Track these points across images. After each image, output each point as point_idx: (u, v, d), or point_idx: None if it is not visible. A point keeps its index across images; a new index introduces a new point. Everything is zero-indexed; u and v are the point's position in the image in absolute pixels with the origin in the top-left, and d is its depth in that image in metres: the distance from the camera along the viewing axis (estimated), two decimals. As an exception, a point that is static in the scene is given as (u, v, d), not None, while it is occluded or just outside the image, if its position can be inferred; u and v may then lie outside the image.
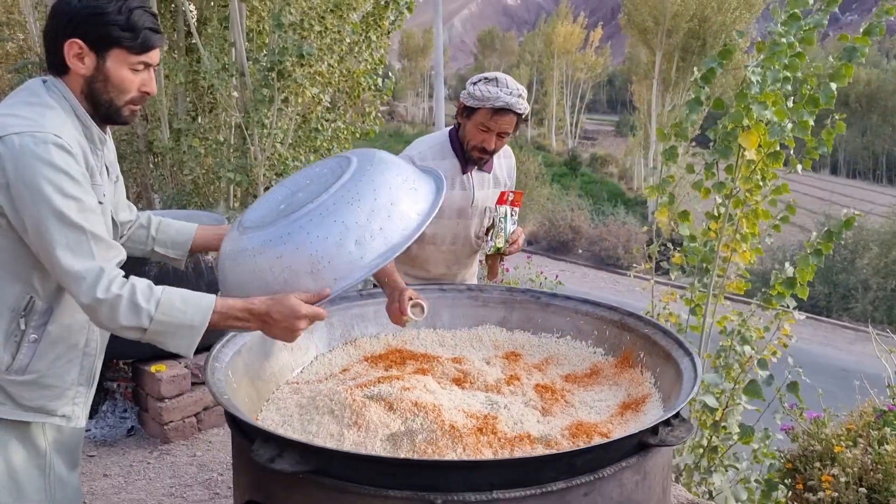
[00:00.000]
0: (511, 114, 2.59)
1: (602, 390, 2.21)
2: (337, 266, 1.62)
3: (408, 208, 1.71)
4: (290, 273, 1.64)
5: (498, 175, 2.91)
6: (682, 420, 1.70)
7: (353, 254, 1.62)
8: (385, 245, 1.64)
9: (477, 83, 2.65)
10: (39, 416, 1.75)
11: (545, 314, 2.55)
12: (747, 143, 3.07)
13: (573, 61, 48.15)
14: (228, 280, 1.79)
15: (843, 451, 2.24)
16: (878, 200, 33.66)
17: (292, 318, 1.66)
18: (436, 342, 2.57)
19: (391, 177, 1.74)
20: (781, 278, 3.26)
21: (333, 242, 1.62)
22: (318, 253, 1.62)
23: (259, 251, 1.68)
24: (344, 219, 1.63)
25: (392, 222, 1.66)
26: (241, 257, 1.72)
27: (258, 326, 1.70)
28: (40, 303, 1.68)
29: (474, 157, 2.74)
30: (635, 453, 1.64)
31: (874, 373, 12.44)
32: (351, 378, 2.24)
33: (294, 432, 1.94)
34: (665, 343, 2.14)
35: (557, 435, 1.93)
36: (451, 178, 2.75)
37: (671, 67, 31.94)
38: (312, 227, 1.63)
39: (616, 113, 64.62)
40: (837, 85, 3.09)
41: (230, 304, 1.67)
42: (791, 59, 2.99)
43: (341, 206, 1.65)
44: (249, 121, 5.47)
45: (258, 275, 1.68)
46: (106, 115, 1.75)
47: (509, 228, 2.70)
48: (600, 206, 28.58)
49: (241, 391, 2.04)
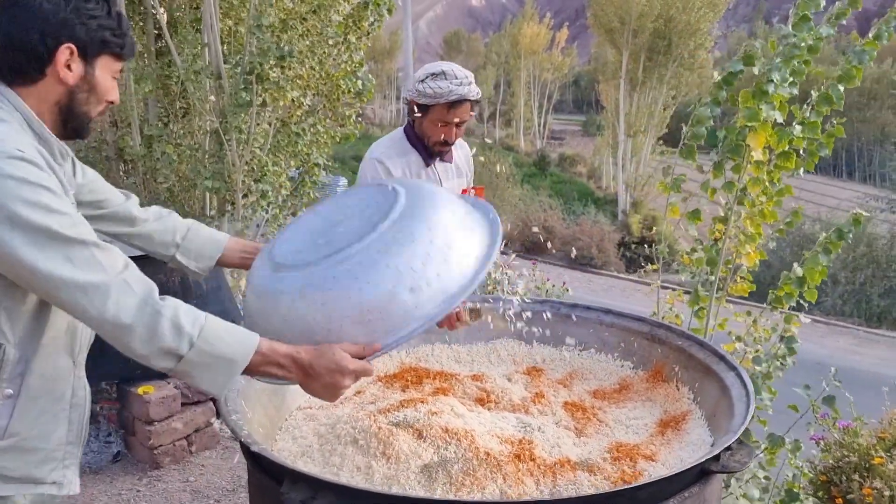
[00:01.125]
0: (466, 102, 2.59)
1: (636, 407, 2.10)
2: (390, 317, 1.40)
3: (465, 252, 1.49)
4: (337, 322, 1.42)
5: (459, 164, 2.88)
6: (740, 443, 1.58)
7: (408, 303, 1.40)
8: (443, 294, 1.43)
9: (425, 80, 2.58)
10: (25, 487, 1.48)
11: (566, 325, 2.43)
12: (755, 143, 3.00)
13: (540, 62, 48.26)
14: (258, 322, 1.54)
15: (885, 462, 2.16)
16: (841, 195, 34.34)
17: (337, 373, 1.43)
18: (452, 358, 2.44)
19: (447, 215, 1.53)
20: (792, 278, 3.19)
21: (386, 290, 1.40)
22: (369, 301, 1.40)
23: (300, 295, 1.45)
24: (397, 263, 1.41)
25: (450, 268, 1.45)
26: (277, 300, 1.49)
27: (299, 378, 1.46)
28: (12, 350, 1.41)
29: (436, 151, 2.72)
30: (696, 481, 1.53)
31: (848, 366, 12.57)
32: (369, 402, 2.10)
33: (315, 465, 1.79)
34: (703, 356, 2.03)
35: (598, 459, 1.81)
36: (417, 172, 2.74)
37: (638, 67, 32.18)
38: (362, 271, 1.41)
39: (582, 113, 65.02)
40: (846, 86, 3.04)
41: (275, 346, 1.44)
42: (798, 65, 2.94)
43: (393, 247, 1.43)
44: (227, 126, 5.27)
45: (298, 321, 1.45)
46: (76, 128, 1.53)
47: None
48: (571, 205, 28.67)
49: (255, 420, 1.88)
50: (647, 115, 32.98)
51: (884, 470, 2.20)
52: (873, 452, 2.26)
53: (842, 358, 15.38)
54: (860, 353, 15.93)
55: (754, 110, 2.75)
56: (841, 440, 2.40)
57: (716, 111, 2.91)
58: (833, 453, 2.37)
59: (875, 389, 4.16)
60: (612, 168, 36.04)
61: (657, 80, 32.38)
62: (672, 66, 32.05)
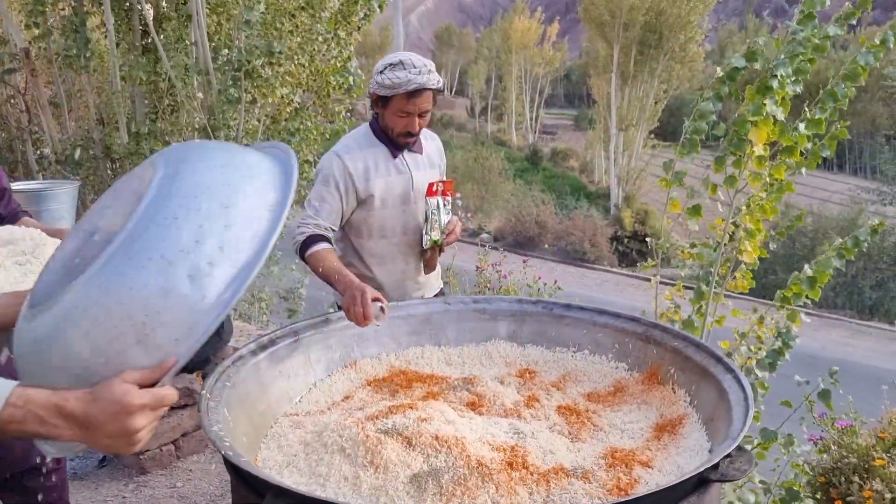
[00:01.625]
0: (426, 91, 2.55)
1: (631, 410, 2.04)
2: (172, 320, 1.08)
3: (252, 205, 1.18)
4: (111, 351, 1.09)
5: (430, 156, 2.81)
6: (740, 450, 1.53)
7: (190, 295, 1.09)
8: (234, 266, 1.11)
9: (384, 71, 2.55)
10: None
11: (559, 327, 2.38)
12: (757, 138, 2.95)
13: (531, 56, 48.18)
14: (39, 381, 1.16)
15: (886, 464, 2.12)
16: (831, 188, 34.39)
17: (122, 414, 1.07)
18: (442, 361, 2.38)
19: (216, 170, 1.21)
20: (802, 278, 3.15)
21: (155, 290, 1.08)
22: (138, 311, 1.08)
23: (57, 336, 1.12)
24: (162, 251, 1.10)
25: (235, 232, 1.14)
26: (39, 349, 1.15)
27: (75, 434, 1.09)
28: None
29: (402, 143, 2.68)
30: (694, 490, 1.48)
31: (840, 358, 12.63)
32: (357, 407, 2.04)
33: (301, 475, 1.73)
34: (699, 358, 1.98)
35: (593, 465, 1.76)
36: (385, 163, 2.69)
37: (629, 61, 32.15)
38: (117, 278, 1.09)
39: (574, 107, 64.91)
40: (850, 84, 3.02)
41: (32, 395, 1.08)
42: (802, 64, 2.90)
43: (152, 233, 1.12)
44: (216, 123, 5.19)
45: (72, 364, 1.11)
46: None
47: (444, 219, 2.65)
48: (563, 200, 28.64)
49: (239, 429, 1.82)
50: (638, 109, 32.98)
51: (884, 472, 2.15)
52: (873, 453, 2.22)
53: (834, 350, 15.43)
54: (852, 346, 15.98)
55: (758, 104, 2.71)
56: (840, 440, 2.35)
57: (718, 106, 2.87)
58: (832, 454, 2.33)
59: (867, 382, 4.14)
60: (603, 162, 36.02)
61: (648, 74, 32.38)
62: (663, 59, 32.05)
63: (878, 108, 39.91)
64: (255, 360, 2.06)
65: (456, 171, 25.58)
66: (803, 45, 2.88)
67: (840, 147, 36.18)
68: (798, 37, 2.89)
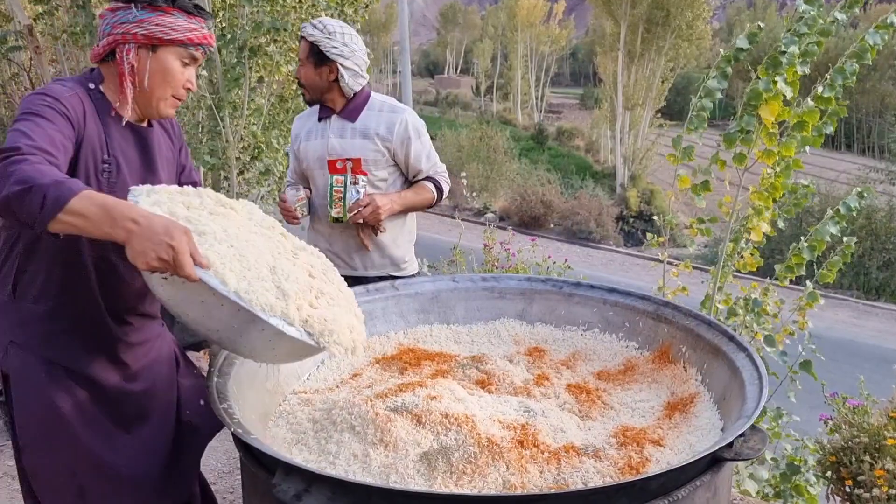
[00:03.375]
0: (302, 41, 2.71)
1: (641, 389, 2.03)
2: None
3: None
4: None
5: (367, 127, 2.77)
6: (754, 429, 1.52)
7: None
8: None
9: None
10: None
11: (568, 305, 2.36)
12: (767, 114, 2.92)
13: (537, 34, 47.75)
14: None
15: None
16: (838, 167, 34.14)
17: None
18: (451, 339, 2.37)
19: None
20: (802, 247, 3.15)
21: None
22: None
23: None
24: None
25: None
26: None
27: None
28: None
29: (313, 99, 2.80)
30: (708, 469, 1.46)
31: (846, 338, 12.60)
32: (366, 385, 2.03)
33: (311, 453, 1.72)
34: (711, 336, 1.96)
35: (604, 444, 1.75)
36: (314, 127, 2.83)
37: (636, 39, 31.82)
38: None
39: (580, 86, 64.45)
40: (858, 62, 2.99)
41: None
42: (810, 46, 2.87)
43: None
44: (221, 101, 5.15)
45: None
46: None
47: (350, 197, 2.67)
48: (568, 179, 28.50)
49: (248, 406, 1.82)
50: (645, 88, 32.69)
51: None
52: (885, 433, 2.20)
53: (841, 330, 15.38)
54: (859, 326, 15.93)
55: (769, 80, 2.67)
56: (851, 419, 2.34)
57: (724, 84, 2.84)
58: (843, 433, 2.31)
59: (874, 362, 4.13)
60: (609, 141, 35.81)
61: (655, 52, 32.05)
62: (670, 37, 31.70)
63: (888, 87, 39.54)
64: (264, 337, 2.05)
65: (461, 150, 25.44)
66: (809, 25, 2.85)
67: (848, 126, 35.91)
68: (806, 16, 2.86)
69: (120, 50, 1.72)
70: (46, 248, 1.68)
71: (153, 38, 1.71)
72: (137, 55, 1.72)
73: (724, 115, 26.82)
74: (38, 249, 1.68)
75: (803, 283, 3.39)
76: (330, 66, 2.69)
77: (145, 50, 1.72)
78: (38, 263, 1.69)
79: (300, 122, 2.92)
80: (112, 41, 1.73)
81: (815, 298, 3.26)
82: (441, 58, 65.88)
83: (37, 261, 1.69)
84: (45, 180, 1.38)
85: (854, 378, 3.28)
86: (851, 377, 3.42)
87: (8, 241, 1.71)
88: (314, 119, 2.84)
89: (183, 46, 1.74)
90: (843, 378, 3.63)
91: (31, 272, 1.69)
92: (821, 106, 2.86)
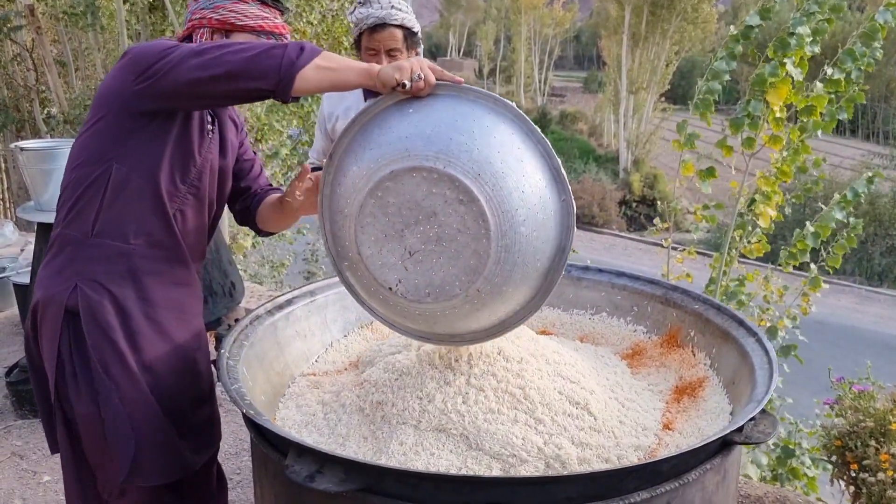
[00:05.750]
0: (389, 28, 2.47)
1: (650, 373, 2.03)
2: None
3: None
4: None
5: None
6: (764, 413, 1.52)
7: None
8: None
9: (353, 11, 2.53)
10: None
11: (577, 289, 2.35)
12: (775, 98, 2.90)
13: (541, 17, 47.33)
14: None
15: (904, 428, 2.11)
16: (843, 153, 33.96)
17: None
18: (458, 322, 2.36)
19: None
20: (806, 234, 3.13)
21: None
22: None
23: None
24: None
25: None
26: None
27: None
28: None
29: None
30: (718, 453, 1.47)
31: (848, 324, 12.55)
32: (375, 368, 2.03)
33: (321, 434, 1.73)
34: (720, 321, 1.96)
35: (613, 427, 1.75)
36: (356, 107, 2.61)
37: (640, 21, 31.56)
38: None
39: (584, 69, 64.02)
40: (868, 43, 2.96)
41: None
42: (820, 24, 2.84)
43: None
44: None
45: None
46: None
47: None
48: (572, 163, 28.39)
49: (257, 388, 1.82)
50: (649, 72, 32.46)
51: (903, 436, 2.14)
52: (890, 417, 2.21)
53: (843, 316, 15.39)
54: (861, 312, 15.94)
55: (776, 64, 2.64)
56: (856, 404, 2.34)
57: (732, 65, 2.81)
58: (848, 418, 2.32)
59: (875, 348, 4.12)
60: (613, 125, 35.61)
61: (660, 35, 31.80)
62: (675, 20, 31.43)
63: (894, 72, 39.22)
64: (272, 319, 2.05)
65: (464, 133, 25.31)
66: (820, 3, 2.82)
67: (853, 111, 35.70)
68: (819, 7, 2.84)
69: (196, 34, 1.78)
70: (132, 191, 1.66)
71: (226, 23, 1.75)
72: (212, 39, 1.76)
73: (729, 99, 26.67)
74: (128, 188, 1.65)
75: (806, 268, 3.39)
76: (417, 42, 2.57)
77: (219, 35, 1.77)
78: (127, 205, 1.66)
79: (332, 101, 2.76)
80: (191, 26, 1.79)
81: (818, 284, 3.25)
82: (444, 40, 65.42)
83: (123, 201, 1.66)
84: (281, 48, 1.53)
85: (855, 363, 3.28)
86: (853, 363, 3.42)
87: (83, 180, 1.66)
88: (353, 97, 2.68)
89: (254, 33, 1.77)
90: (846, 364, 3.62)
91: (117, 212, 1.66)
92: (830, 90, 2.83)
